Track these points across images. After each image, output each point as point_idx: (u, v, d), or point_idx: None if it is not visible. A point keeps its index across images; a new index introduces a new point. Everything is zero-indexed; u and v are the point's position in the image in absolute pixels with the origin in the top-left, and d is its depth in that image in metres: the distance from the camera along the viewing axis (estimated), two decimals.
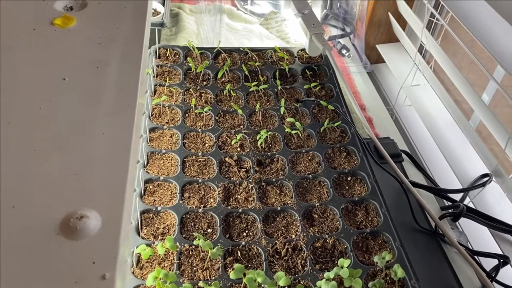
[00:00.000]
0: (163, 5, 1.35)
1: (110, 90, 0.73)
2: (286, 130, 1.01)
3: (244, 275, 0.71)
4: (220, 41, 1.20)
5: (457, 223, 1.00)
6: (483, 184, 1.02)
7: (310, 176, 0.93)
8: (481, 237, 0.99)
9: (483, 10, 1.04)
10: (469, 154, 1.12)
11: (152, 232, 0.81)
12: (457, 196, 1.04)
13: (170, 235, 0.80)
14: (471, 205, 1.03)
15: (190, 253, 0.78)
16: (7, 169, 0.60)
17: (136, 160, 0.67)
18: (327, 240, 0.82)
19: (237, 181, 0.91)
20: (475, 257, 0.90)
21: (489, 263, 0.90)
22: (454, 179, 1.09)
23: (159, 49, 1.17)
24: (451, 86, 1.28)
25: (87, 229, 0.54)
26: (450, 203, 1.03)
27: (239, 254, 0.79)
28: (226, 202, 0.87)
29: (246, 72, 1.14)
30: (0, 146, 0.62)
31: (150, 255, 0.75)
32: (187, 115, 1.03)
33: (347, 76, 1.37)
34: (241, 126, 1.03)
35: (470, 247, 0.96)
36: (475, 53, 1.05)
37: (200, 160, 0.94)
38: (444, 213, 0.97)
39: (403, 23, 1.37)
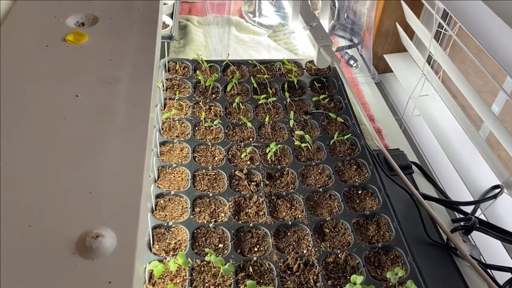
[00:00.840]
0: (172, 18, 1.36)
1: (122, 107, 0.73)
2: (295, 143, 1.01)
3: None
4: (228, 54, 1.21)
5: (469, 235, 0.99)
6: (495, 196, 1.02)
7: (321, 189, 0.93)
8: (493, 250, 0.99)
9: (492, 20, 1.04)
10: (479, 165, 1.12)
11: (164, 247, 0.81)
12: (468, 208, 1.03)
13: (181, 250, 0.81)
14: (482, 217, 1.02)
15: (202, 269, 0.78)
16: (23, 187, 0.60)
17: (149, 176, 0.67)
18: (339, 255, 0.82)
19: (248, 195, 0.91)
20: (488, 270, 0.89)
21: (502, 277, 0.90)
22: (465, 190, 1.09)
23: (168, 62, 1.18)
24: (460, 96, 1.28)
25: (102, 248, 0.54)
26: (461, 215, 1.03)
27: (250, 270, 0.79)
28: (236, 217, 0.88)
29: (255, 85, 1.14)
30: (14, 164, 0.63)
31: (162, 271, 0.76)
32: (196, 128, 1.04)
33: (355, 87, 1.37)
34: (251, 139, 1.03)
35: (483, 261, 0.96)
36: (483, 60, 1.05)
37: (210, 174, 0.95)
38: (456, 226, 0.96)
39: (410, 33, 1.37)
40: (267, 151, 0.99)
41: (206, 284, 0.76)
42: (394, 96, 1.44)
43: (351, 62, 1.43)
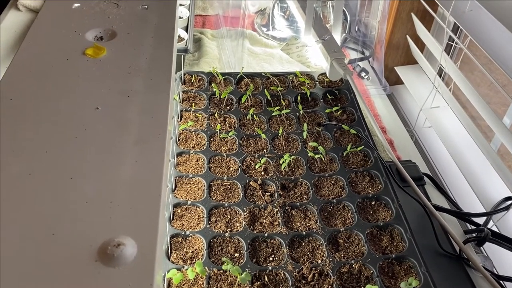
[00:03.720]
0: (186, 31, 1.39)
1: (141, 119, 0.75)
2: (309, 154, 1.03)
3: None
4: (243, 67, 1.23)
5: (481, 247, 1.00)
6: (507, 208, 1.03)
7: (334, 200, 0.94)
8: (506, 262, 0.99)
9: (502, 34, 1.05)
10: (491, 177, 1.12)
11: (181, 256, 0.82)
12: (480, 219, 1.04)
13: (198, 259, 0.82)
14: (494, 228, 1.02)
15: (219, 277, 0.80)
16: (46, 197, 0.62)
17: (167, 186, 0.69)
18: (353, 266, 0.83)
19: (262, 205, 0.93)
20: (501, 282, 0.89)
21: None
22: (477, 202, 1.10)
23: (184, 75, 1.20)
24: (471, 108, 1.28)
25: (124, 257, 0.56)
26: (473, 227, 1.03)
27: (266, 279, 0.80)
28: (252, 226, 0.89)
29: (268, 97, 1.16)
30: (38, 174, 0.65)
31: (181, 280, 0.77)
32: (212, 139, 1.06)
33: (367, 99, 1.39)
34: (265, 150, 1.05)
35: (496, 272, 0.96)
36: (492, 70, 1.05)
37: (226, 184, 0.96)
38: (469, 238, 0.97)
39: (421, 45, 1.39)
40: (280, 162, 1.01)
41: None
42: (405, 108, 1.45)
43: (363, 74, 1.45)
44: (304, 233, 0.88)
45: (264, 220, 0.91)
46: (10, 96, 0.76)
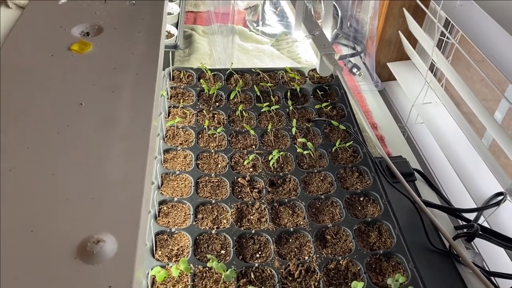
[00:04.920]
0: (177, 27, 1.38)
1: (125, 115, 0.74)
2: (298, 150, 1.02)
3: None
4: (232, 63, 1.22)
5: (472, 242, 0.99)
6: (498, 203, 1.02)
7: (323, 196, 0.94)
8: (497, 257, 0.98)
9: (493, 29, 1.04)
10: (482, 173, 1.12)
11: (167, 253, 0.82)
12: (471, 215, 1.03)
13: (184, 256, 0.81)
14: (485, 224, 1.02)
15: (204, 275, 0.79)
16: (26, 193, 0.61)
17: (151, 182, 0.68)
18: (341, 262, 0.82)
19: (250, 202, 0.92)
20: (491, 278, 0.89)
21: (505, 284, 0.89)
22: (468, 197, 1.09)
23: (173, 71, 1.19)
24: (463, 104, 1.28)
25: (103, 253, 0.55)
26: (464, 223, 1.02)
27: (252, 276, 0.79)
28: (239, 223, 0.88)
29: (258, 93, 1.15)
30: (19, 170, 0.64)
31: (165, 277, 0.76)
32: (200, 136, 1.05)
33: (358, 95, 1.38)
34: (253, 147, 1.04)
35: (486, 268, 0.95)
36: (487, 67, 1.05)
37: (213, 181, 0.96)
38: (458, 233, 0.96)
39: (413, 41, 1.38)
40: (269, 159, 1.00)
41: None
42: (397, 103, 1.44)
43: (354, 70, 1.44)
44: (291, 229, 0.87)
45: (251, 217, 0.90)
46: None
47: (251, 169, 0.99)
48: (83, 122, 0.72)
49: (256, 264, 0.81)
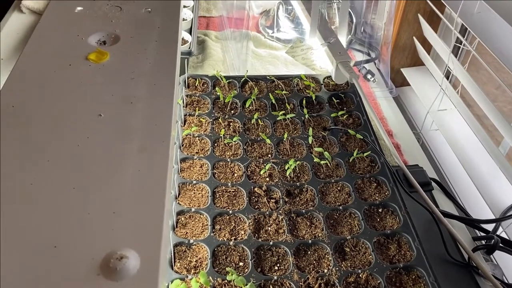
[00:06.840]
0: (190, 33, 1.38)
1: (144, 126, 0.74)
2: (314, 160, 1.01)
3: None
4: (247, 71, 1.22)
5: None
6: None
7: (341, 207, 0.93)
8: None
9: (511, 35, 1.03)
10: (500, 182, 1.10)
11: (185, 265, 0.81)
12: (489, 226, 1.02)
13: (202, 268, 0.81)
14: (503, 234, 1.01)
15: (223, 287, 0.78)
16: (48, 208, 0.61)
17: (170, 194, 0.67)
18: (360, 275, 0.81)
19: (267, 212, 0.91)
20: None
21: None
22: (486, 207, 1.08)
23: (188, 78, 1.19)
24: (479, 111, 1.26)
25: (126, 270, 0.55)
26: (482, 233, 1.01)
27: None
28: (256, 234, 0.88)
29: (273, 101, 1.14)
30: (40, 185, 0.64)
31: None
32: (216, 144, 1.04)
33: (373, 101, 1.37)
34: (269, 155, 1.04)
35: (506, 281, 0.94)
36: (498, 69, 1.03)
37: (230, 191, 0.95)
38: (478, 245, 0.95)
39: (428, 47, 1.37)
40: (286, 168, 0.99)
41: None
42: (412, 110, 1.43)
43: (369, 76, 1.43)
44: (310, 241, 0.87)
45: (269, 228, 0.89)
46: (12, 103, 0.74)
47: (267, 179, 0.98)
48: (103, 134, 0.72)
49: (275, 277, 0.80)
